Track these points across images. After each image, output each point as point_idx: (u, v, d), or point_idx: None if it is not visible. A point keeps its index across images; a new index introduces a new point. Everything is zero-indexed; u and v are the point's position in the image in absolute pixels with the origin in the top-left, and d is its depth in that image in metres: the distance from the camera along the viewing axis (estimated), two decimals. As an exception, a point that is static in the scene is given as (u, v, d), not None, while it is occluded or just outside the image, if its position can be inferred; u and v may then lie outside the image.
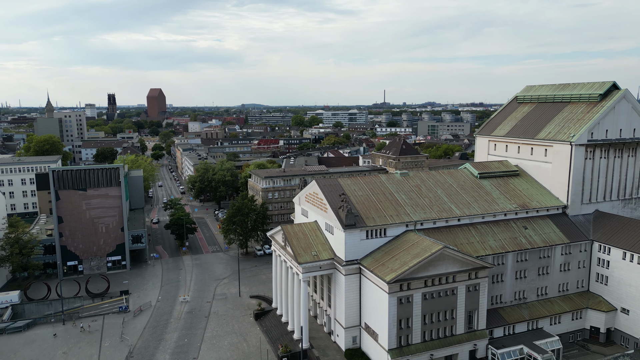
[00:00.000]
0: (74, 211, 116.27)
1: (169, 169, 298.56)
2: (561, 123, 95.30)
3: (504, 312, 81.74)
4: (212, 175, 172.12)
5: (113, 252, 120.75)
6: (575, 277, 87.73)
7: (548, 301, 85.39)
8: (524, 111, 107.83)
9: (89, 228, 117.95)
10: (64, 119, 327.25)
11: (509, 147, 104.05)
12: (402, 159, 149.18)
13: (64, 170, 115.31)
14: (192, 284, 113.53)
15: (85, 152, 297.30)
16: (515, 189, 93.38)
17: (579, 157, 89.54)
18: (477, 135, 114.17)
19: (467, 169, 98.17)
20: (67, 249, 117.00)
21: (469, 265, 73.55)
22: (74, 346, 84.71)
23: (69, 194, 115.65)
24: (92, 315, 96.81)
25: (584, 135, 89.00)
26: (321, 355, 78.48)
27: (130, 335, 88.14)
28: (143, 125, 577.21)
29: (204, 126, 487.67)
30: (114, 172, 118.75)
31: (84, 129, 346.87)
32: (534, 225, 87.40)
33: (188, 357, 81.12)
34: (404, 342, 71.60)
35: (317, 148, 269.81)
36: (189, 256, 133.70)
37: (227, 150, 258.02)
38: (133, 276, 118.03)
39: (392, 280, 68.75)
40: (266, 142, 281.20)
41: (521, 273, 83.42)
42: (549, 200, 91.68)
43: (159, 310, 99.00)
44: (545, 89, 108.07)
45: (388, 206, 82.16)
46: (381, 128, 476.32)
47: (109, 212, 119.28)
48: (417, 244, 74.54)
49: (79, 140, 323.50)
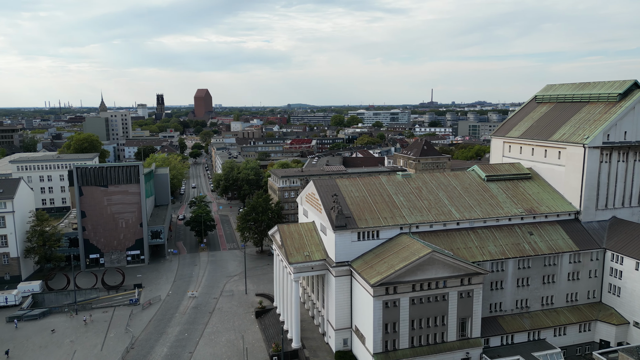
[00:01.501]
0: (96, 206, 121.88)
1: (205, 167, 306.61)
2: (577, 124, 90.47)
3: (503, 320, 78.59)
4: (237, 173, 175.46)
5: (132, 246, 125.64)
6: (586, 287, 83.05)
7: (554, 311, 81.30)
8: (541, 111, 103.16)
9: (110, 223, 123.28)
10: (110, 119, 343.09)
11: (523, 149, 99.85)
12: (422, 160, 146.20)
13: (86, 167, 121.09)
14: (204, 280, 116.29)
15: (128, 150, 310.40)
16: (524, 193, 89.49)
17: (593, 160, 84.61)
18: (492, 136, 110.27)
19: (475, 171, 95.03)
20: (89, 243, 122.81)
21: (461, 271, 71.25)
22: (81, 335, 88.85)
23: (92, 190, 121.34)
24: (103, 307, 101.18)
25: (599, 137, 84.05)
26: (311, 356, 78.41)
27: (136, 328, 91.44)
28: (188, 125, 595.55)
29: (245, 126, 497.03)
30: (134, 170, 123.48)
31: (129, 128, 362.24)
32: (541, 231, 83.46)
33: (185, 351, 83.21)
34: (391, 346, 70.31)
35: (349, 148, 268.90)
36: (206, 252, 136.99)
37: (260, 149, 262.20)
38: (150, 270, 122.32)
39: (377, 283, 67.71)
40: (299, 142, 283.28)
41: (523, 281, 79.90)
42: (560, 205, 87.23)
43: (166, 305, 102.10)
44: (565, 88, 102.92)
45: (383, 208, 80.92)
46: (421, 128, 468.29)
47: (129, 208, 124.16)
48: (407, 247, 73.00)
49: (123, 138, 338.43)
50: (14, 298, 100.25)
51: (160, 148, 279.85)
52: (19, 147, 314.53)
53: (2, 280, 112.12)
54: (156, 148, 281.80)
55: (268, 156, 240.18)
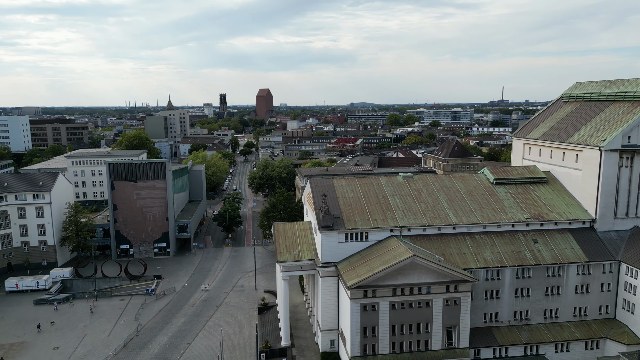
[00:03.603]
0: (126, 200, 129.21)
1: (253, 165, 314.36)
2: (597, 125, 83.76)
3: (498, 332, 74.53)
4: (271, 171, 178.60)
5: (159, 239, 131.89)
6: (597, 301, 76.74)
7: (558, 325, 75.87)
8: (566, 111, 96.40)
9: (139, 216, 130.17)
10: (169, 117, 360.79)
11: (542, 151, 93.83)
12: (451, 161, 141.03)
13: (118, 163, 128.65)
14: (220, 274, 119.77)
15: (183, 147, 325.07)
16: (535, 198, 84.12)
17: (611, 165, 77.91)
18: (513, 137, 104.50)
19: (484, 173, 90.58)
20: (120, 234, 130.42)
21: (446, 277, 68.45)
22: (95, 321, 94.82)
23: (123, 185, 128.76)
24: (122, 295, 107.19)
25: (617, 140, 77.25)
26: (298, 355, 78.65)
27: (145, 317, 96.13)
28: (248, 124, 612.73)
29: (301, 124, 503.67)
30: (160, 166, 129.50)
31: (187, 126, 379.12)
32: (548, 240, 78.10)
33: (183, 342, 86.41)
34: (370, 351, 69.00)
35: (392, 147, 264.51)
36: (230, 248, 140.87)
37: (303, 148, 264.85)
38: (173, 262, 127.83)
39: (353, 285, 66.70)
40: (344, 141, 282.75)
41: (523, 291, 75.24)
42: (574, 212, 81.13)
43: (179, 296, 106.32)
44: (592, 86, 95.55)
45: (376, 209, 79.36)
46: (480, 127, 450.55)
47: (156, 203, 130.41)
48: (392, 250, 71.22)
49: (180, 136, 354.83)
50: (45, 283, 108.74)
51: (211, 145, 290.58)
52: (87, 144, 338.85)
53: (40, 265, 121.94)
54: (208, 145, 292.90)
55: (310, 155, 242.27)
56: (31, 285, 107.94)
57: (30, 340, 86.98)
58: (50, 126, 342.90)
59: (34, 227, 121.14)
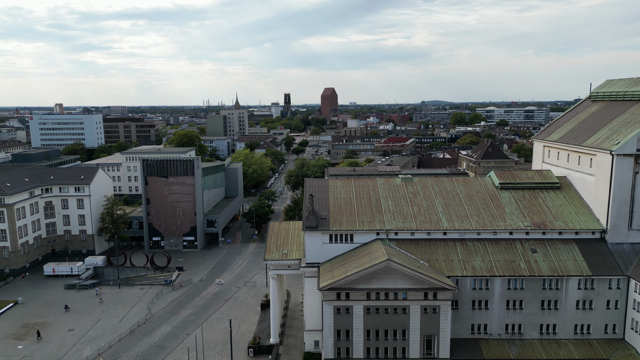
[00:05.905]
0: (158, 195, 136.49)
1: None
2: (615, 127, 76.77)
3: (486, 344, 70.68)
4: (306, 170, 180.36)
5: (188, 232, 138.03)
6: (602, 319, 70.44)
7: (554, 342, 70.55)
8: (590, 111, 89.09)
9: (169, 210, 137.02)
10: (228, 116, 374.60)
11: (560, 155, 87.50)
12: (483, 163, 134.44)
13: (150, 159, 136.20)
14: (238, 269, 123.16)
15: (239, 145, 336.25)
16: (541, 205, 78.64)
17: (624, 170, 71.15)
18: (534, 139, 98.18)
19: (491, 177, 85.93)
20: (152, 227, 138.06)
21: (424, 284, 66.08)
22: (112, 307, 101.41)
23: (155, 180, 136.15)
24: (143, 284, 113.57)
25: (632, 143, 70.45)
26: (284, 353, 79.44)
27: (157, 306, 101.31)
28: (310, 123, 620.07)
29: (361, 123, 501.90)
30: (189, 164, 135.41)
31: (246, 124, 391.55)
32: (549, 250, 72.82)
33: (184, 332, 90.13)
34: (344, 354, 68.33)
35: (443, 148, 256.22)
36: (256, 244, 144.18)
37: (350, 147, 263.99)
38: (198, 256, 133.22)
39: (325, 287, 66.35)
40: (394, 141, 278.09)
41: (515, 303, 70.74)
42: (583, 221, 74.96)
43: (194, 288, 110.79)
44: (621, 84, 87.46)
45: (365, 211, 78.11)
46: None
47: (185, 198, 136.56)
48: (371, 254, 69.90)
49: (238, 134, 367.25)
50: (77, 269, 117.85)
51: (264, 143, 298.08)
52: (153, 141, 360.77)
53: (80, 253, 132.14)
54: (260, 143, 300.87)
55: (356, 154, 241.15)
56: (66, 270, 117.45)
57: (51, 322, 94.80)
58: (122, 124, 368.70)
59: (75, 217, 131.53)
